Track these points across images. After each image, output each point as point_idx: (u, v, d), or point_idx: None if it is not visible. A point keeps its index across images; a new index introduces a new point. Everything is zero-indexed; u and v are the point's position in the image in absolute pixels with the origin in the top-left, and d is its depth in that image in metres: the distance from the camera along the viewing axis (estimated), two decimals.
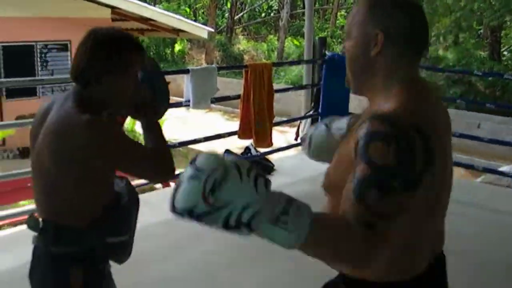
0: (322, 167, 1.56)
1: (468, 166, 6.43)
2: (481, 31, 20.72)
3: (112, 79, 1.82)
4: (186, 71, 4.97)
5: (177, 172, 1.98)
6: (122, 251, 2.06)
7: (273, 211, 1.12)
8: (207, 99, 4.97)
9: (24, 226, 2.19)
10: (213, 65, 7.03)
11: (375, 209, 1.19)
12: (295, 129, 6.65)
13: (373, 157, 1.20)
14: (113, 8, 12.39)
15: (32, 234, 1.91)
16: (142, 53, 1.91)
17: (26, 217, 1.99)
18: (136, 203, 2.11)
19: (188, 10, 25.54)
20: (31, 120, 2.03)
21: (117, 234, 1.97)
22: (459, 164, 6.36)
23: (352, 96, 6.41)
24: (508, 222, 4.49)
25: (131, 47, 1.86)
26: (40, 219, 1.89)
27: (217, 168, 1.10)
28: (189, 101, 4.88)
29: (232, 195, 1.09)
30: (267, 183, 1.13)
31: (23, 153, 11.23)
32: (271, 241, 1.16)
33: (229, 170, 1.10)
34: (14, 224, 5.91)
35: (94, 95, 1.83)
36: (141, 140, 2.08)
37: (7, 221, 5.93)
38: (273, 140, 5.52)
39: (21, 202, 6.94)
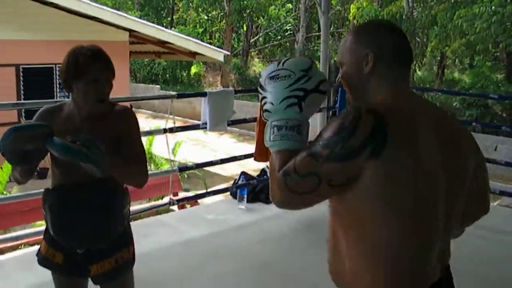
0: None
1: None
2: (498, 53, 20.69)
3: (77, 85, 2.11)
4: (204, 94, 5.01)
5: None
6: None
7: (270, 119, 1.51)
8: (224, 121, 5.01)
9: None
10: (230, 88, 7.06)
11: (297, 163, 1.38)
12: None
13: (323, 129, 1.41)
14: (131, 31, 12.58)
15: None
16: (97, 60, 2.12)
17: (42, 237, 2.06)
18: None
19: (200, 31, 25.75)
20: None
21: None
22: None
23: None
24: None
25: (86, 56, 2.09)
26: None
27: (286, 70, 1.50)
28: (206, 123, 4.92)
29: (269, 88, 1.51)
30: (290, 107, 1.47)
31: (40, 173, 11.33)
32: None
33: (287, 77, 1.49)
34: (31, 244, 5.96)
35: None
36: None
37: (24, 241, 5.98)
38: None
39: (38, 222, 6.99)
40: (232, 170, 10.46)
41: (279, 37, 29.50)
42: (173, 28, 24.29)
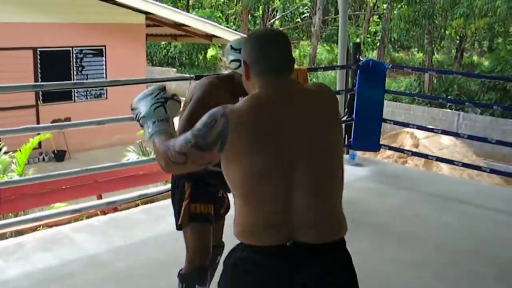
0: (355, 172, 1.61)
1: (505, 174, 6.33)
2: None
3: None
4: None
5: None
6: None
7: (146, 122, 2.00)
8: None
9: (60, 228, 2.25)
10: None
11: (176, 143, 1.83)
12: None
13: (200, 120, 1.81)
14: (147, 14, 12.54)
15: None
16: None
17: (62, 218, 2.08)
18: None
19: (221, 15, 25.64)
20: (68, 123, 2.19)
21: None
22: (495, 172, 6.27)
23: (386, 102, 6.35)
24: None
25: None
26: None
27: (149, 91, 2.05)
28: None
29: (140, 105, 2.04)
30: (157, 108, 2.01)
31: (58, 156, 11.42)
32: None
33: (149, 94, 2.04)
34: (50, 226, 6.00)
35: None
36: None
37: (43, 222, 6.03)
38: None
39: (57, 204, 7.04)
40: None
41: (296, 20, 29.31)
42: (189, 11, 24.18)
